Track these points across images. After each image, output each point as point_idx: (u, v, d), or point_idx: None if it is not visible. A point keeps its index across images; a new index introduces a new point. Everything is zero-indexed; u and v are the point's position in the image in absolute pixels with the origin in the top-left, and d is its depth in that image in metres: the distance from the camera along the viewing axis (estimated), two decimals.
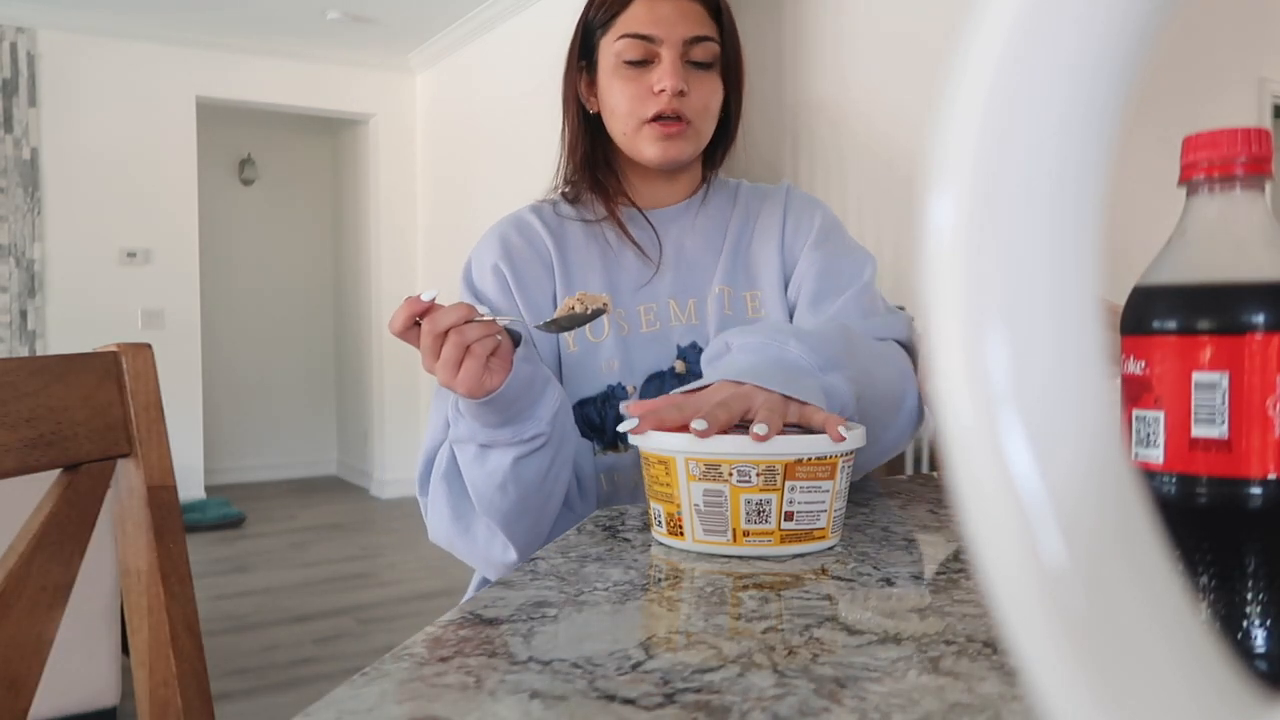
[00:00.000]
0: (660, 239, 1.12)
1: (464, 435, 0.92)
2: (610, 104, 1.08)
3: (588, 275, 1.09)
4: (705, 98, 1.07)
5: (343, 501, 5.69)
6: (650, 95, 1.05)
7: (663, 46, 1.04)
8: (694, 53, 1.05)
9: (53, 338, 4.98)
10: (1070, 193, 0.16)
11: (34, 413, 0.72)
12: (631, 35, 1.05)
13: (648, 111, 1.05)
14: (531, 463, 0.91)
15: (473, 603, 0.58)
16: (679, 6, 1.05)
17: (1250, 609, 0.41)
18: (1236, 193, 0.43)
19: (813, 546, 0.71)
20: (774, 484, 0.69)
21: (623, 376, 1.06)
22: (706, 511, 0.70)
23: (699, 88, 1.06)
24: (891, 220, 3.85)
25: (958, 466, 0.17)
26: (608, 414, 1.05)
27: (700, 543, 0.70)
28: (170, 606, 0.78)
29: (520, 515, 0.93)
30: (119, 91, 5.12)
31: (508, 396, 0.87)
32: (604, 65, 1.08)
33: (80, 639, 2.11)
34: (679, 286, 1.11)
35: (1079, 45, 0.16)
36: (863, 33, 4.08)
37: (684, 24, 1.05)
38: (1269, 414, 0.41)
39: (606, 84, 1.08)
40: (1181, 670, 0.16)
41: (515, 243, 1.09)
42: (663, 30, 1.04)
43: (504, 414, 0.88)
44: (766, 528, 0.69)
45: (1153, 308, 0.44)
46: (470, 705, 0.42)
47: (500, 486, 0.91)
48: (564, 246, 1.11)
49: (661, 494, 0.73)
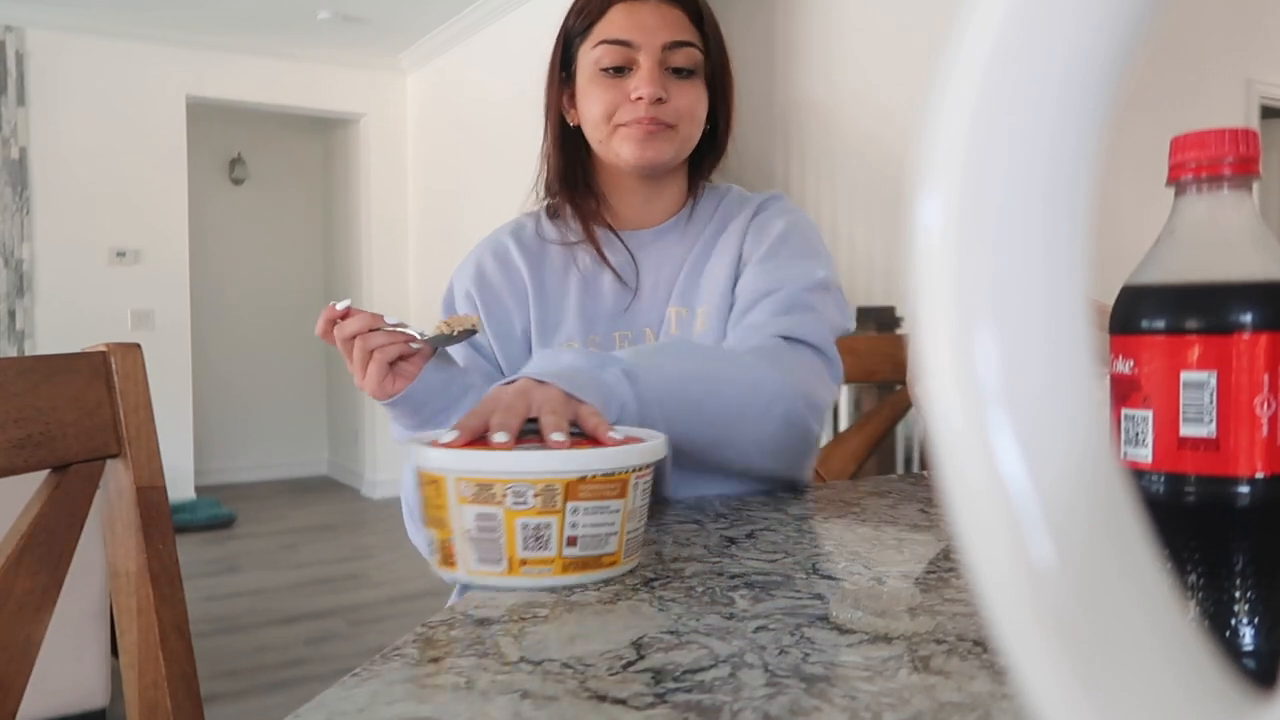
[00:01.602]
0: (638, 264, 1.08)
1: (395, 436, 0.98)
2: (587, 112, 1.05)
3: (563, 304, 1.08)
4: (687, 103, 1.04)
5: (333, 502, 5.68)
6: (627, 102, 1.02)
7: (641, 53, 1.01)
8: (674, 59, 1.03)
9: (41, 338, 4.96)
10: (1059, 192, 0.17)
11: (22, 413, 0.72)
12: (609, 41, 1.02)
13: (624, 118, 1.02)
14: None
15: (463, 603, 0.58)
16: (658, 11, 1.02)
17: (1238, 607, 0.41)
18: (1224, 193, 0.43)
19: (601, 575, 0.63)
20: (554, 505, 0.61)
21: None
22: (479, 538, 0.62)
23: (680, 95, 1.03)
24: (881, 220, 3.86)
25: (947, 466, 0.17)
26: None
27: (474, 574, 0.63)
28: (160, 608, 0.78)
29: None
30: (108, 90, 5.10)
31: (414, 400, 0.93)
32: (582, 74, 1.05)
33: (69, 640, 2.10)
34: (657, 315, 1.07)
35: (1067, 45, 0.16)
36: (853, 33, 4.08)
37: (663, 29, 1.02)
38: (1256, 413, 0.41)
39: (584, 92, 1.05)
40: (1170, 668, 0.16)
41: (489, 271, 1.09)
42: (641, 36, 1.01)
43: (415, 417, 0.95)
44: (546, 555, 0.61)
45: (1141, 307, 0.44)
46: (461, 706, 0.42)
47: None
48: (541, 275, 1.09)
49: (434, 518, 0.65)
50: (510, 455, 0.62)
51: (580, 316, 1.07)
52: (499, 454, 0.63)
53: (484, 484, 0.61)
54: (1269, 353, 0.41)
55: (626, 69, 1.02)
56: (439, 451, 0.64)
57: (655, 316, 1.07)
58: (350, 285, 6.14)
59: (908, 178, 0.17)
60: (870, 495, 0.94)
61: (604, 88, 1.03)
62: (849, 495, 0.95)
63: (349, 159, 6.10)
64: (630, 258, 1.08)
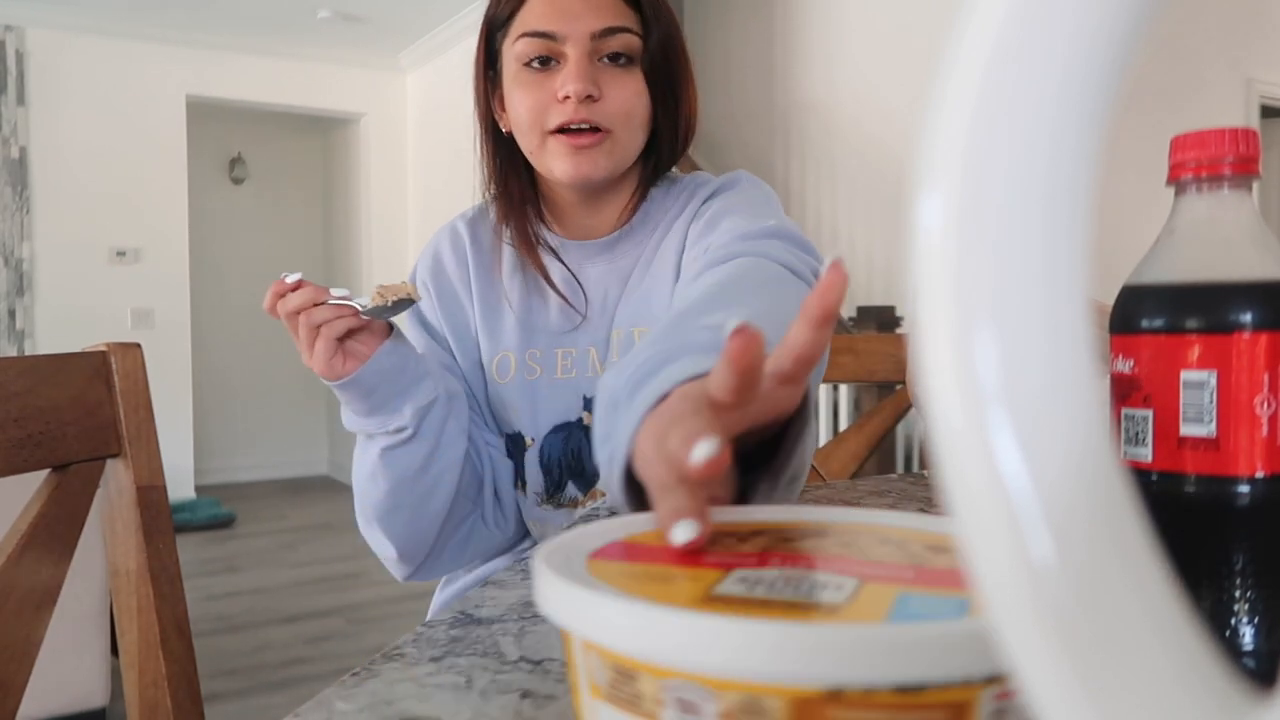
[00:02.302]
0: (583, 282, 0.97)
1: (346, 423, 0.92)
2: (514, 117, 0.93)
3: (505, 311, 0.99)
4: (624, 101, 0.90)
5: (333, 501, 5.68)
6: (555, 102, 0.89)
7: (567, 44, 0.89)
8: (606, 47, 0.90)
9: (41, 337, 4.96)
10: (1059, 192, 0.17)
11: (22, 413, 0.72)
12: (530, 34, 0.89)
13: (552, 122, 0.89)
14: (400, 455, 0.89)
15: (463, 602, 0.58)
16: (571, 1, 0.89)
17: (1238, 606, 0.41)
18: (1224, 192, 0.43)
19: None
20: None
21: (523, 425, 0.98)
22: None
23: (616, 89, 0.90)
24: (882, 220, 3.86)
25: (947, 465, 0.17)
26: (516, 457, 0.99)
27: None
28: (160, 607, 0.78)
29: (394, 509, 0.92)
30: (108, 90, 5.10)
31: (365, 383, 0.86)
32: (507, 72, 0.93)
33: (69, 640, 2.10)
34: (603, 334, 0.97)
35: (1068, 45, 0.16)
36: (853, 33, 4.08)
37: (590, 15, 0.89)
38: (1256, 412, 0.41)
39: (509, 93, 0.93)
40: (1171, 668, 0.16)
41: (446, 258, 1.03)
42: (564, 25, 0.88)
43: (366, 401, 0.87)
44: None
45: (1141, 307, 0.44)
46: (461, 705, 0.42)
47: (371, 476, 0.91)
48: (486, 273, 1.01)
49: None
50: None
51: (521, 327, 0.98)
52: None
53: (627, 671, 0.29)
54: (1269, 352, 0.41)
55: (552, 62, 0.90)
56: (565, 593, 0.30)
57: (600, 336, 0.97)
58: (350, 284, 6.13)
59: (908, 178, 0.17)
60: (870, 495, 0.95)
61: (528, 87, 0.90)
62: (849, 495, 0.95)
63: (349, 158, 6.10)
64: (574, 277, 0.97)
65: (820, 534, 0.39)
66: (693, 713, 0.27)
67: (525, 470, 0.98)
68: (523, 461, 0.98)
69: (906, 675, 0.25)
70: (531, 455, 0.97)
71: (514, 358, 0.98)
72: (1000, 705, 0.27)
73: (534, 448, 0.97)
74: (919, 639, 0.26)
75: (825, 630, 0.26)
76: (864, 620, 0.28)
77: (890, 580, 0.32)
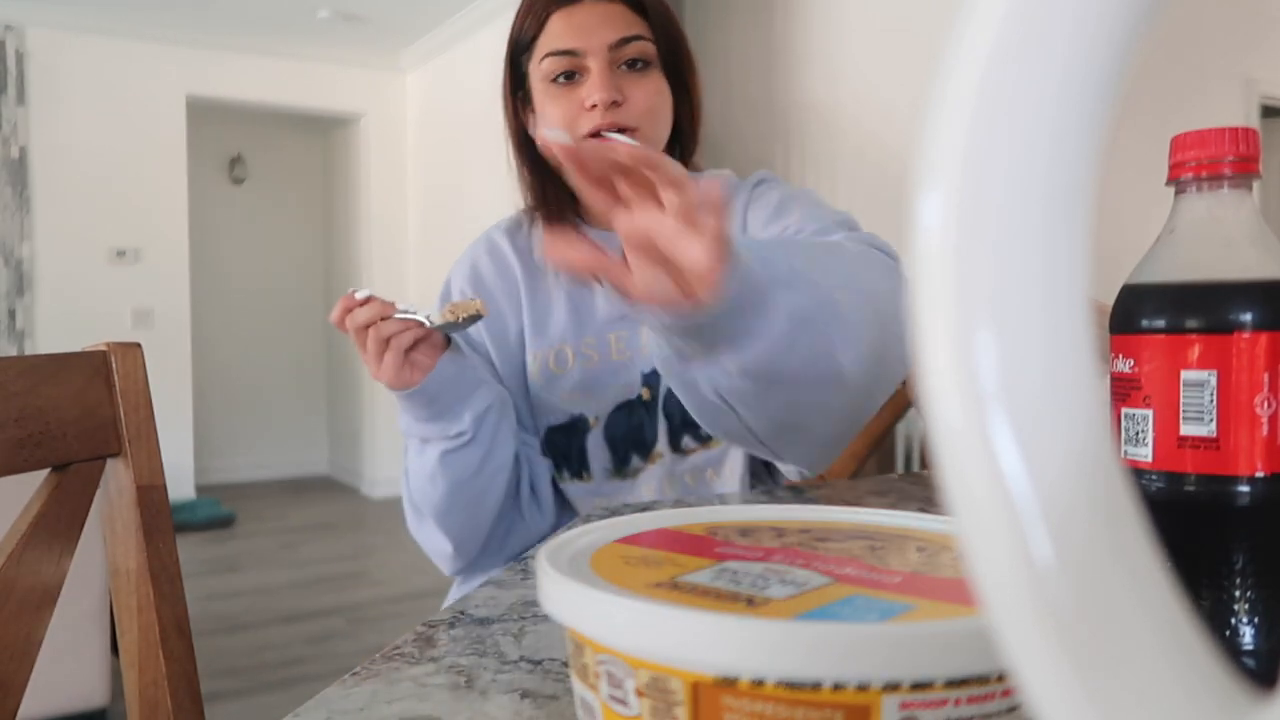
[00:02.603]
0: None
1: (404, 429, 0.99)
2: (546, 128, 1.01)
3: (555, 307, 1.06)
4: (646, 100, 0.98)
5: (333, 501, 5.68)
6: (583, 111, 0.97)
7: (588, 58, 0.97)
8: (624, 54, 0.98)
9: (41, 337, 4.96)
10: (1059, 191, 0.17)
11: (22, 412, 0.72)
12: (553, 54, 0.98)
13: (583, 128, 0.96)
14: (458, 458, 0.96)
15: (463, 602, 0.58)
16: (597, 11, 0.98)
17: (1238, 606, 0.41)
18: (1224, 192, 0.43)
19: None
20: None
21: (586, 407, 1.05)
22: None
23: (637, 91, 0.98)
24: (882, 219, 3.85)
25: (947, 465, 0.17)
26: (572, 443, 1.06)
27: None
28: (160, 607, 0.78)
29: (451, 509, 0.99)
30: (108, 90, 5.10)
31: (429, 392, 0.93)
32: (536, 90, 1.01)
33: (69, 639, 2.10)
34: None
35: (1068, 43, 0.16)
36: (853, 32, 4.08)
37: (606, 28, 0.97)
38: (1256, 412, 0.41)
39: (540, 108, 1.01)
40: (1171, 668, 0.16)
41: (484, 270, 1.09)
42: (583, 40, 0.97)
43: (429, 409, 0.94)
44: None
45: (1141, 306, 0.44)
46: (461, 705, 0.42)
47: (430, 478, 0.98)
48: (534, 275, 1.07)
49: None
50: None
51: (572, 318, 1.05)
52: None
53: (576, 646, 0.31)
54: (1269, 352, 0.41)
55: (577, 74, 0.98)
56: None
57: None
58: (350, 284, 6.14)
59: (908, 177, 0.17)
60: (870, 494, 0.95)
61: (557, 100, 0.98)
62: (849, 494, 0.95)
63: (349, 158, 6.10)
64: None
65: (855, 537, 0.39)
66: (618, 686, 0.30)
67: (589, 450, 1.05)
68: (584, 443, 1.05)
69: (793, 671, 0.26)
70: (595, 435, 1.05)
71: (570, 349, 1.05)
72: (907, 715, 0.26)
73: (598, 427, 1.05)
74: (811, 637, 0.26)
75: (724, 621, 0.27)
76: (776, 616, 0.29)
77: (860, 583, 0.32)
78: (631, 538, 0.38)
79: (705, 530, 0.39)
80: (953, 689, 0.26)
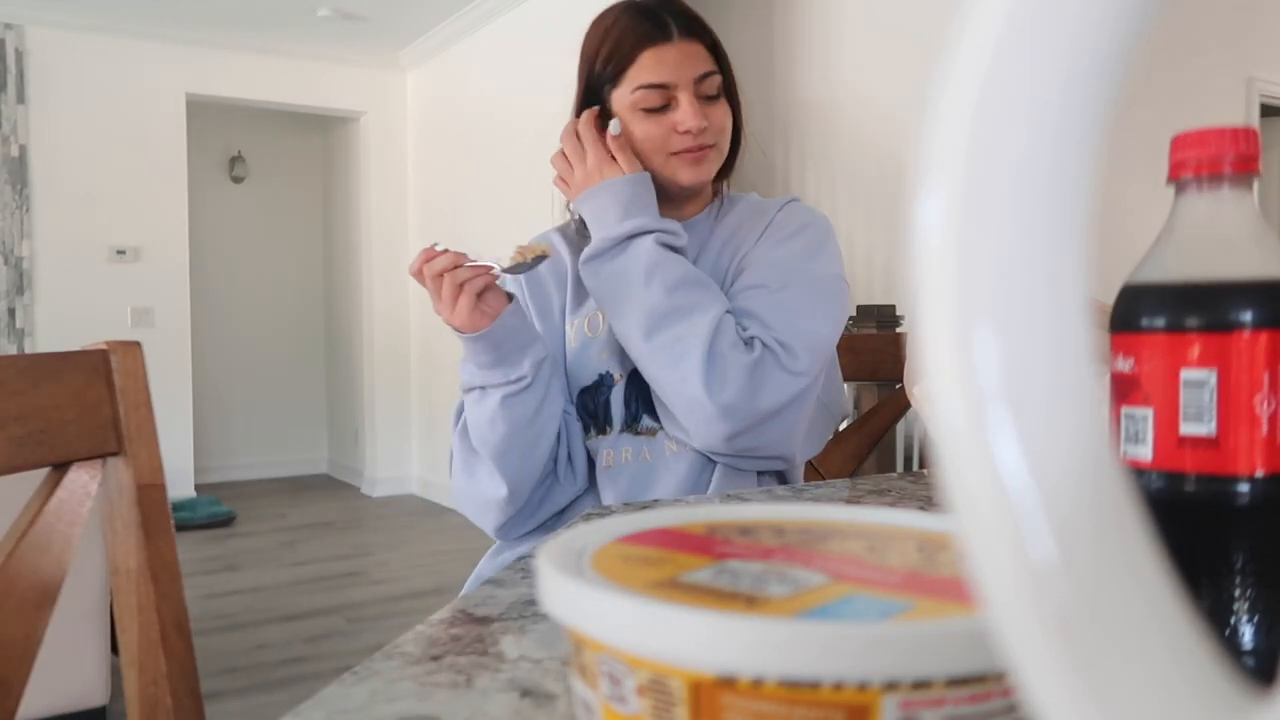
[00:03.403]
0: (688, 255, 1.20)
1: (467, 380, 1.09)
2: (636, 145, 1.15)
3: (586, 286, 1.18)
4: (720, 122, 1.16)
5: (333, 500, 5.68)
6: (674, 134, 1.14)
7: (678, 90, 1.13)
8: (704, 88, 1.14)
9: (41, 336, 4.96)
10: (1059, 190, 0.17)
11: (22, 411, 0.72)
12: (647, 86, 1.13)
13: (674, 147, 1.14)
14: (518, 402, 1.07)
15: (463, 601, 0.58)
16: (682, 49, 1.13)
17: (1238, 605, 0.41)
18: (1225, 191, 0.43)
19: None
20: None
21: (611, 365, 1.17)
22: None
23: (715, 115, 1.16)
24: (882, 218, 3.85)
25: (947, 464, 0.17)
26: (599, 399, 1.18)
27: None
28: (160, 605, 0.78)
29: (508, 450, 1.09)
30: (108, 88, 5.10)
31: (495, 337, 1.04)
32: (623, 114, 1.16)
33: (69, 638, 2.10)
34: None
35: (1068, 42, 0.16)
36: (853, 31, 4.08)
37: (690, 65, 1.13)
38: (1256, 411, 0.41)
39: (627, 129, 1.15)
40: (1171, 667, 0.16)
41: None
42: (674, 75, 1.12)
43: (493, 354, 1.05)
44: None
45: (1141, 305, 0.44)
46: (461, 704, 0.42)
47: (490, 421, 1.08)
48: (577, 261, 1.18)
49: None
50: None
51: None
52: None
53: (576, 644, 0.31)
54: (1269, 351, 0.41)
55: (666, 105, 1.14)
56: None
57: None
58: (350, 282, 6.14)
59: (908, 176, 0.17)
60: (870, 493, 0.95)
61: (649, 124, 1.14)
62: (849, 493, 0.95)
63: (349, 157, 6.10)
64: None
65: (855, 536, 0.39)
66: (618, 685, 0.29)
67: (612, 404, 1.17)
68: (609, 397, 1.17)
69: (793, 670, 0.26)
70: (618, 391, 1.17)
71: (601, 314, 1.17)
72: (907, 714, 0.26)
73: (621, 383, 1.17)
74: (810, 636, 0.26)
75: (724, 620, 0.27)
76: (776, 615, 0.29)
77: (860, 581, 0.32)
78: (631, 537, 0.38)
79: (705, 529, 0.40)
80: (953, 688, 0.26)
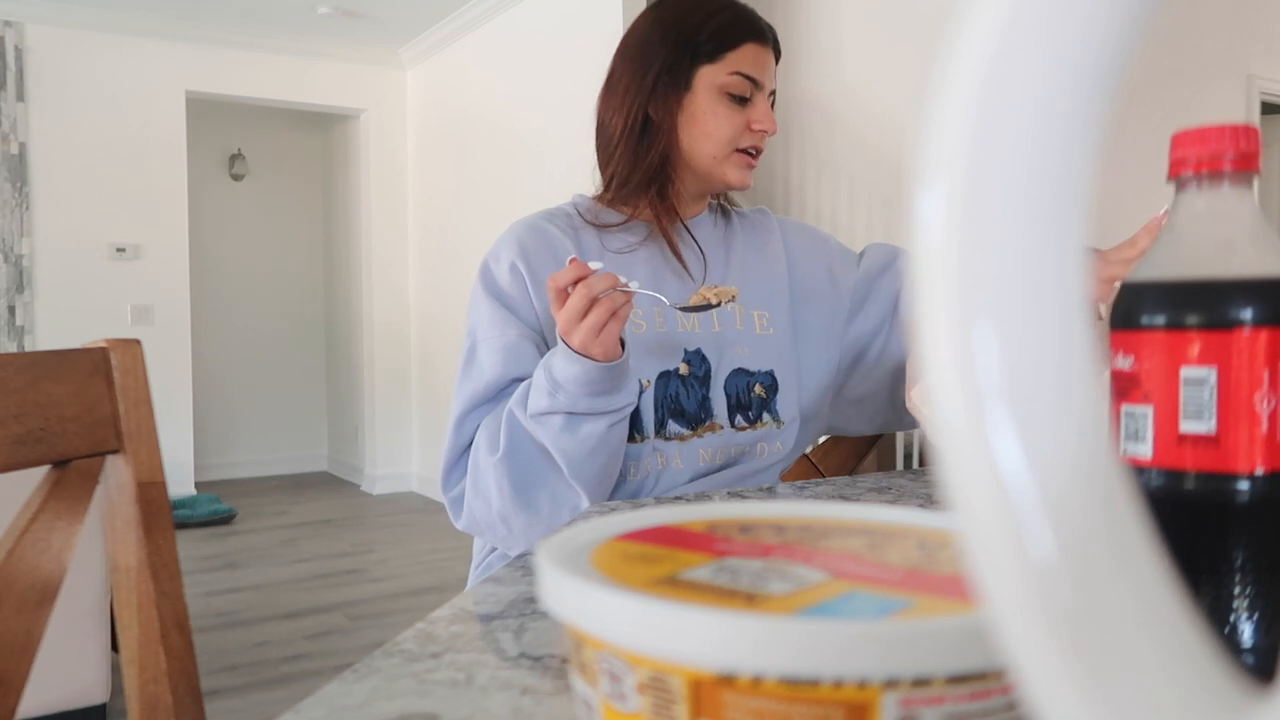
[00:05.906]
0: (705, 255, 1.20)
1: (558, 406, 0.99)
2: (707, 128, 1.14)
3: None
4: (775, 129, 1.19)
5: (333, 497, 5.68)
6: (748, 130, 1.15)
7: (763, 90, 1.15)
8: (772, 96, 1.18)
9: (41, 333, 4.96)
10: (1060, 188, 0.17)
11: (22, 409, 0.72)
12: (744, 75, 1.13)
13: (743, 143, 1.15)
14: (619, 430, 1.03)
15: (463, 599, 0.58)
16: (768, 55, 1.17)
17: (1238, 603, 0.41)
18: (1225, 189, 0.43)
19: None
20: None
21: (639, 371, 1.14)
22: None
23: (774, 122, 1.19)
24: (882, 216, 3.85)
25: (948, 461, 0.17)
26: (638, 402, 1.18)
27: None
28: (160, 603, 0.78)
29: (604, 478, 1.04)
30: (108, 86, 5.10)
31: (624, 366, 0.99)
32: (702, 91, 1.14)
33: (69, 636, 2.10)
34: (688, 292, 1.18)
35: (1069, 40, 0.16)
36: (853, 30, 4.08)
37: (770, 74, 1.17)
38: (1256, 409, 0.41)
39: (706, 110, 1.14)
40: (1170, 664, 0.16)
41: (531, 245, 1.15)
42: (764, 76, 1.15)
43: (614, 381, 0.99)
44: None
45: (1141, 303, 0.44)
46: (461, 701, 0.42)
47: (592, 452, 1.01)
48: (587, 257, 1.14)
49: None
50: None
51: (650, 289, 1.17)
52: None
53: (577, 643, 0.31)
54: (1269, 349, 0.41)
55: (747, 98, 1.15)
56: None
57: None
58: (350, 279, 6.14)
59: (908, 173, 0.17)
60: (871, 491, 0.95)
61: (731, 112, 1.14)
62: (849, 491, 0.95)
63: (349, 155, 6.09)
64: (699, 250, 1.20)
65: (855, 533, 0.39)
66: (618, 683, 0.29)
67: (641, 411, 1.12)
68: (639, 406, 1.12)
69: (793, 668, 0.26)
70: (647, 397, 1.13)
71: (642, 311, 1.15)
72: (907, 711, 0.26)
73: (649, 390, 1.13)
74: (810, 634, 0.26)
75: (724, 617, 0.27)
76: (776, 613, 0.29)
77: (860, 579, 0.32)
78: (631, 534, 0.38)
79: (705, 527, 0.40)
80: (952, 685, 0.26)
